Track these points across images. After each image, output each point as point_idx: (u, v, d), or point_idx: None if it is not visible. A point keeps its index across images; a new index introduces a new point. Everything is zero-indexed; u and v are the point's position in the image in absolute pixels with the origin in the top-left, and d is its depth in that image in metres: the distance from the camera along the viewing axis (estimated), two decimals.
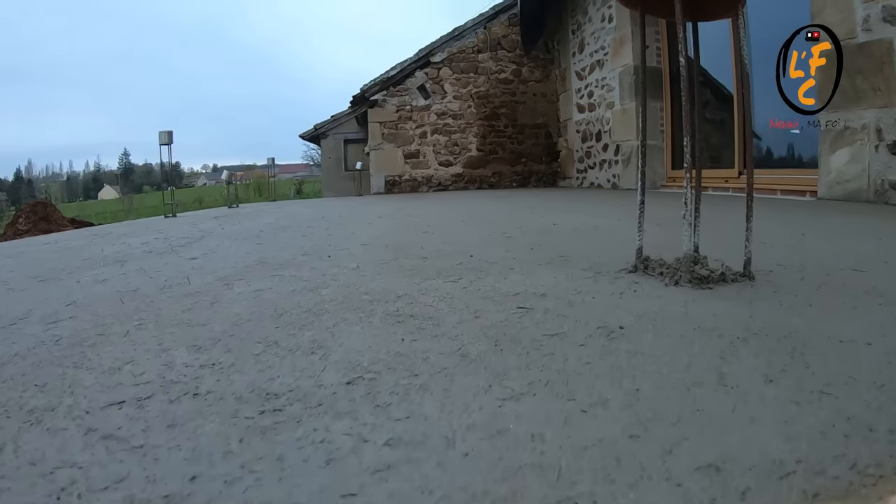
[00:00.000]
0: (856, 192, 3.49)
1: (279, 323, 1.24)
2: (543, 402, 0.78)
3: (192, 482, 0.59)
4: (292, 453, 0.64)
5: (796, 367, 0.88)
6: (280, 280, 1.76)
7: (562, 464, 0.61)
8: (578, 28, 7.36)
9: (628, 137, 6.39)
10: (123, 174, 65.85)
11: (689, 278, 1.48)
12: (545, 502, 0.55)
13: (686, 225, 1.54)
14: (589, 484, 0.58)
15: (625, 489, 0.57)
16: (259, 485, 0.57)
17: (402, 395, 0.81)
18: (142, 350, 1.08)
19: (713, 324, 1.13)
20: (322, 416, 0.74)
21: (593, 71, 7.05)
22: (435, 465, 0.61)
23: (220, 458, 0.63)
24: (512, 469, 0.61)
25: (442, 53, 8.01)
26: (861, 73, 3.42)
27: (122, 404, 0.81)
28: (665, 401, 0.78)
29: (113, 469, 0.63)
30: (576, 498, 0.55)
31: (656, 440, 0.67)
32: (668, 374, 0.87)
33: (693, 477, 0.59)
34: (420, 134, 8.12)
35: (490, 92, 8.22)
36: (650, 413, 0.74)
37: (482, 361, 0.95)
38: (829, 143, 3.66)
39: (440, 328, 1.17)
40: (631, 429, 0.70)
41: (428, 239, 2.69)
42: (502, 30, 8.09)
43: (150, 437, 0.70)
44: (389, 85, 7.94)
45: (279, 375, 0.91)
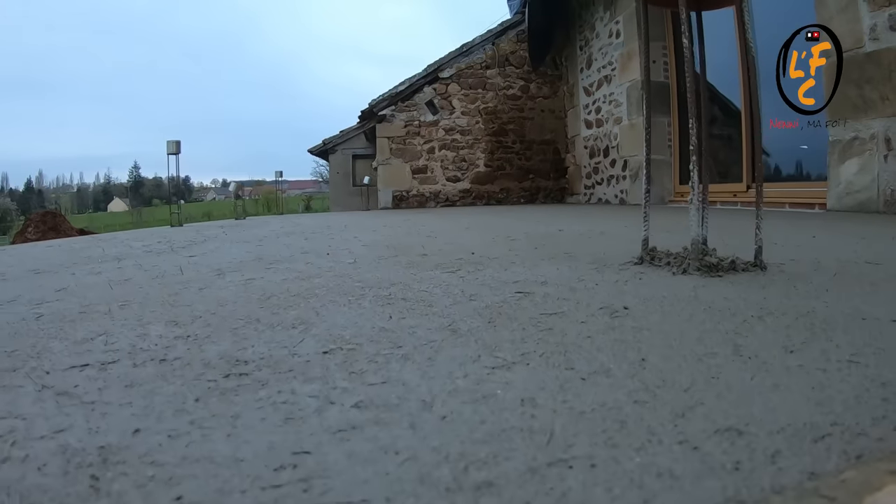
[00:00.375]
0: (865, 203, 3.40)
1: (265, 305, 1.19)
2: (537, 371, 0.71)
3: (133, 435, 0.53)
4: (249, 412, 0.58)
5: (818, 341, 0.81)
6: (274, 272, 1.72)
7: (555, 427, 0.54)
8: (586, 44, 7.43)
9: (636, 153, 6.35)
10: (133, 187, 66.74)
11: (697, 266, 1.41)
12: (532, 465, 0.48)
13: (694, 210, 1.47)
14: (586, 447, 0.51)
15: (630, 453, 0.50)
16: (204, 440, 0.51)
17: (380, 363, 0.75)
18: (119, 325, 1.03)
19: (725, 305, 1.05)
20: (290, 380, 0.68)
21: (601, 86, 7.08)
22: (407, 426, 0.55)
23: (170, 415, 0.58)
24: (495, 432, 0.54)
25: (450, 69, 8.10)
26: (869, 83, 3.36)
27: (84, 367, 0.76)
28: (675, 370, 0.71)
29: (56, 421, 0.57)
30: (570, 461, 0.48)
31: (666, 405, 0.60)
32: (677, 346, 0.81)
33: (712, 440, 0.52)
34: (428, 149, 8.16)
35: (498, 108, 8.27)
36: (658, 380, 0.67)
37: (473, 335, 0.89)
38: (838, 154, 3.59)
39: (432, 308, 1.11)
40: (637, 395, 0.63)
41: (430, 241, 2.64)
42: (510, 46, 8.19)
43: (105, 395, 0.65)
44: (398, 100, 8.03)
45: (253, 346, 0.85)
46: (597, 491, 0.43)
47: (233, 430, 0.53)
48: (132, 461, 0.48)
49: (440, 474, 0.44)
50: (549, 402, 0.61)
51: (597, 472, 0.46)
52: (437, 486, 0.42)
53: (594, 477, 0.46)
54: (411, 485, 0.42)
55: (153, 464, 0.47)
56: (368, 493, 0.41)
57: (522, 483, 0.44)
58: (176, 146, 4.67)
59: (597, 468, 0.47)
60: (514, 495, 0.43)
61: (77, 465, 0.47)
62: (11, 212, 30.68)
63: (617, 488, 0.44)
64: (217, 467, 0.45)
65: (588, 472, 0.46)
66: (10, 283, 1.76)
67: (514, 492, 0.43)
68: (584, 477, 0.46)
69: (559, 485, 0.44)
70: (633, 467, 0.47)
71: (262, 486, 0.42)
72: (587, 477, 0.46)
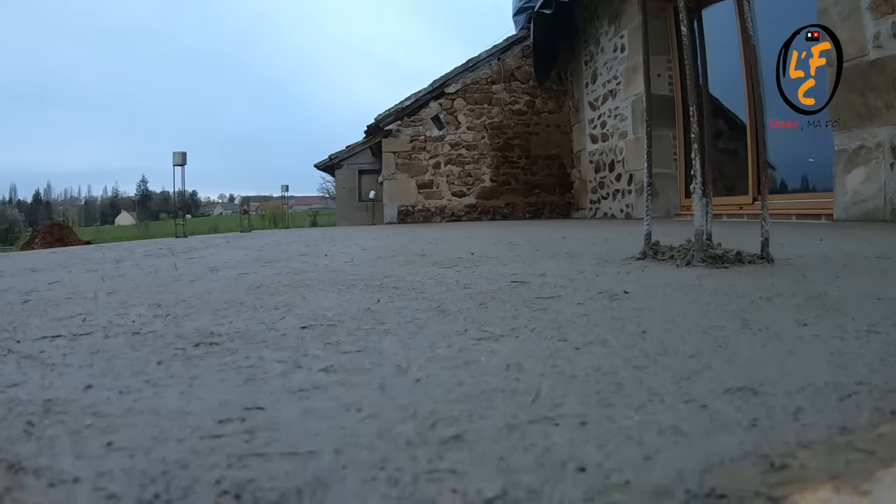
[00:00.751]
0: (872, 212, 3.32)
1: (252, 293, 1.16)
2: (527, 342, 0.67)
3: (84, 391, 0.49)
4: (209, 374, 0.54)
5: (832, 317, 0.76)
6: (269, 269, 1.69)
7: (541, 389, 0.50)
8: (591, 59, 7.49)
9: (641, 166, 6.31)
10: (140, 201, 67.22)
11: (702, 257, 1.36)
12: (511, 422, 0.43)
13: (697, 200, 1.43)
14: (575, 407, 0.46)
15: (627, 412, 0.45)
16: (155, 396, 0.47)
17: (359, 336, 0.71)
18: (102, 307, 1.01)
19: (731, 290, 1.00)
20: (261, 349, 0.64)
21: (606, 101, 7.10)
22: (375, 388, 0.50)
23: (127, 375, 0.54)
24: (473, 394, 0.50)
25: (456, 84, 8.19)
26: (873, 91, 3.32)
27: (56, 338, 0.73)
28: (677, 340, 0.66)
29: (10, 378, 0.54)
30: (556, 419, 0.43)
31: (668, 370, 0.55)
32: (680, 322, 0.76)
33: (722, 399, 0.47)
34: (434, 164, 8.20)
35: (503, 123, 8.31)
36: (659, 349, 0.63)
37: (462, 314, 0.85)
38: (844, 164, 3.53)
39: (423, 294, 1.07)
40: (635, 361, 0.58)
41: (431, 246, 2.61)
42: (516, 61, 8.27)
43: (68, 360, 0.62)
44: (404, 115, 8.10)
45: (231, 322, 0.82)
46: (587, 448, 0.39)
47: (188, 388, 0.50)
48: (74, 412, 0.44)
49: (403, 430, 0.40)
50: (536, 367, 0.57)
51: (587, 430, 0.42)
52: (396, 441, 0.38)
53: (584, 434, 0.41)
54: (368, 439, 0.38)
55: (95, 414, 0.43)
56: (317, 444, 0.37)
57: (497, 439, 0.40)
58: (182, 158, 4.72)
59: (587, 426, 0.42)
60: (486, 450, 0.38)
61: (18, 413, 0.44)
62: (19, 223, 31.13)
63: (611, 444, 0.39)
64: (160, 419, 0.42)
65: (577, 429, 0.42)
66: (6, 278, 1.75)
67: (485, 447, 0.39)
68: (571, 434, 0.41)
69: (541, 441, 0.40)
70: (631, 425, 0.43)
71: (201, 435, 0.38)
72: (575, 434, 0.41)
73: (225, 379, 0.52)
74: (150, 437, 0.38)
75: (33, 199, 67.86)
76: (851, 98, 3.38)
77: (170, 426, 0.40)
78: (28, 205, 62.26)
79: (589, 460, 0.37)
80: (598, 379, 0.53)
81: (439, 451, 0.37)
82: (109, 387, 0.51)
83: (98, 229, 35.89)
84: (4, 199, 60.94)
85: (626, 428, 0.42)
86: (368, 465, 0.35)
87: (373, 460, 0.35)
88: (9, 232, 27.51)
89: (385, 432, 0.39)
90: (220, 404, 0.45)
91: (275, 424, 0.40)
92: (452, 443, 0.38)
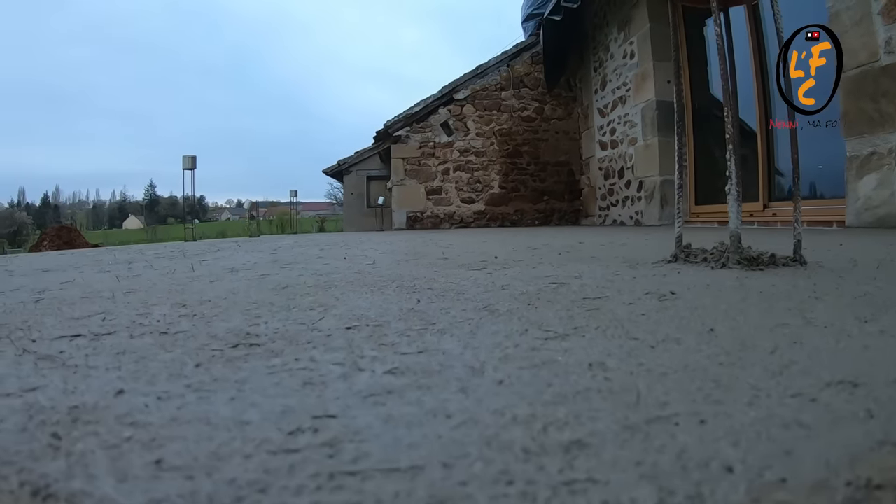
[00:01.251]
0: (885, 218, 3.24)
1: (280, 293, 1.09)
2: (596, 340, 0.60)
3: (115, 396, 0.43)
4: (259, 378, 0.47)
5: (887, 314, 0.70)
6: (290, 270, 1.63)
7: (639, 388, 0.43)
8: (600, 65, 7.45)
9: (651, 173, 6.25)
10: (149, 205, 67.19)
11: (737, 259, 1.31)
12: (626, 423, 0.36)
13: (732, 201, 1.37)
14: (685, 405, 0.40)
15: (741, 407, 0.39)
16: (200, 402, 0.41)
17: (413, 337, 0.64)
18: (122, 306, 0.94)
19: (776, 291, 0.94)
20: (309, 350, 0.58)
21: (615, 107, 7.05)
22: (455, 390, 0.43)
23: (164, 379, 0.47)
24: (568, 395, 0.43)
25: (465, 90, 8.17)
26: (885, 96, 3.25)
27: (76, 338, 0.67)
28: (750, 337, 0.60)
29: (29, 381, 0.47)
30: (673, 418, 0.36)
31: (755, 365, 0.49)
32: (742, 320, 0.69)
33: (827, 392, 0.41)
34: (443, 170, 8.16)
35: (513, 129, 8.27)
36: (736, 345, 0.56)
37: (514, 314, 0.78)
38: (856, 170, 3.45)
39: (463, 295, 1.00)
40: (718, 358, 0.52)
41: (449, 250, 2.55)
42: (525, 68, 8.25)
43: (91, 361, 0.55)
44: (413, 121, 8.08)
45: (267, 322, 0.75)
46: (721, 446, 0.32)
47: (238, 393, 0.43)
48: (107, 421, 0.37)
49: (511, 437, 0.33)
50: (621, 365, 0.50)
51: (710, 428, 0.35)
52: (510, 450, 0.31)
53: (710, 432, 0.35)
54: (475, 448, 0.31)
55: (133, 425, 0.36)
56: (417, 458, 0.30)
57: (621, 442, 0.33)
58: (192, 161, 4.69)
59: (708, 424, 0.36)
60: (617, 455, 0.31)
61: (40, 422, 0.37)
62: (27, 226, 31.28)
63: (743, 441, 0.33)
64: (214, 430, 0.35)
65: (699, 427, 0.35)
66: (17, 278, 1.69)
67: (614, 451, 0.32)
68: (698, 432, 0.35)
69: (670, 442, 0.33)
70: (751, 420, 0.36)
71: (272, 449, 0.31)
72: (702, 432, 0.35)
73: (279, 383, 0.45)
74: (208, 453, 0.31)
75: (41, 202, 68.09)
76: (863, 104, 3.31)
77: (229, 439, 0.33)
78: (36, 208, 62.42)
79: (730, 459, 0.31)
80: (691, 376, 0.47)
81: (566, 458, 0.30)
82: (144, 392, 0.44)
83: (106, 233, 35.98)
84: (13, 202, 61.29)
85: (749, 424, 0.36)
86: (491, 479, 0.28)
87: (493, 474, 0.28)
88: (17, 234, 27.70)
89: (492, 440, 0.32)
90: (283, 412, 0.38)
91: (357, 435, 0.33)
92: (576, 449, 0.31)
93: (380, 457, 0.30)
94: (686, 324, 0.69)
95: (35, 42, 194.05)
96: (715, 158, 5.25)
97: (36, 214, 52.33)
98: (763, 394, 0.42)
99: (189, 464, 0.30)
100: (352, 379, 0.46)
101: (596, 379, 0.46)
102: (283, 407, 0.39)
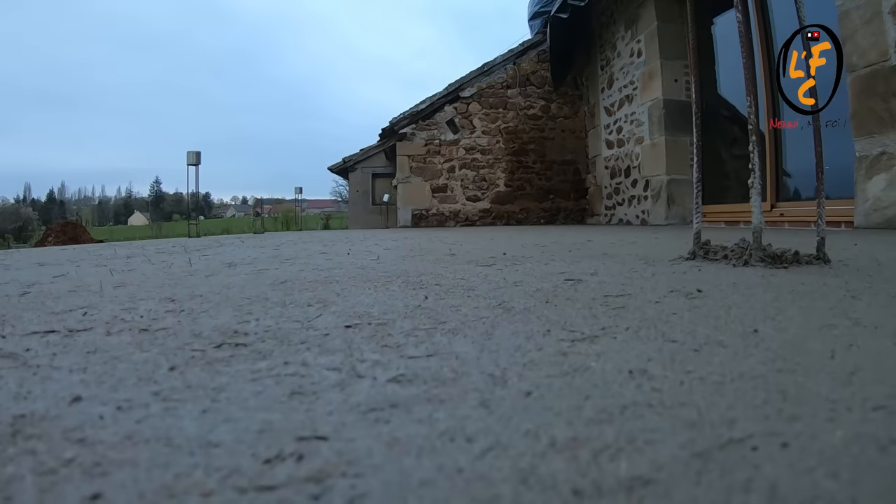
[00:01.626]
0: (893, 219, 3.15)
1: (277, 288, 1.02)
2: (631, 343, 0.53)
3: (70, 405, 0.36)
4: (239, 385, 0.40)
5: None
6: (291, 265, 1.56)
7: (696, 400, 0.36)
8: (607, 63, 7.35)
9: (658, 172, 6.14)
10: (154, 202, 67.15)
11: (760, 256, 1.23)
12: (693, 449, 0.29)
13: (755, 195, 1.29)
14: (758, 422, 0.32)
15: (822, 424, 0.31)
16: (165, 414, 0.33)
17: (421, 338, 0.57)
18: (107, 301, 0.88)
19: (808, 289, 0.86)
20: (302, 352, 0.50)
21: (622, 106, 6.95)
22: (475, 404, 0.36)
23: (131, 384, 0.40)
24: (613, 411, 0.35)
25: (471, 88, 8.09)
26: (895, 96, 3.15)
27: (48, 334, 0.60)
28: (799, 340, 0.52)
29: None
30: (746, 440, 0.29)
31: (819, 372, 0.42)
32: (782, 320, 0.62)
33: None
34: (448, 168, 8.08)
35: (519, 127, 8.19)
36: (788, 350, 0.49)
37: (532, 313, 0.70)
38: (865, 170, 3.36)
39: (473, 292, 0.92)
40: (774, 363, 0.44)
41: (456, 247, 2.47)
42: (531, 66, 8.16)
43: (57, 361, 0.48)
44: (419, 119, 8.01)
45: (258, 319, 0.68)
46: (818, 477, 0.25)
47: (211, 404, 0.35)
48: (52, 437, 0.30)
49: (552, 470, 0.26)
50: (666, 373, 0.42)
51: (796, 452, 0.28)
52: (554, 489, 0.24)
53: (799, 459, 0.27)
54: (508, 488, 0.24)
55: (80, 442, 0.29)
56: (432, 501, 0.23)
57: (695, 476, 0.26)
58: (196, 157, 4.64)
59: (791, 447, 0.28)
60: (694, 494, 0.24)
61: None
62: (33, 221, 31.42)
63: (845, 472, 0.25)
64: (173, 453, 0.28)
65: (783, 452, 0.28)
66: (11, 271, 1.64)
67: (688, 489, 0.24)
68: (784, 459, 0.27)
69: (754, 473, 0.26)
70: (840, 442, 0.29)
71: (240, 486, 0.24)
72: (789, 459, 0.27)
73: (261, 392, 0.38)
74: (158, 487, 0.24)
75: (47, 198, 68.33)
76: (873, 103, 3.23)
77: (189, 467, 0.26)
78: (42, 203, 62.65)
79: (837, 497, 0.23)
80: (751, 386, 0.39)
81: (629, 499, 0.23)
82: (105, 399, 0.37)
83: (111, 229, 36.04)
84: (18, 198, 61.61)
85: (840, 446, 0.28)
86: None
87: None
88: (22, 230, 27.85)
89: (528, 476, 0.25)
90: (261, 431, 0.31)
91: (351, 466, 0.26)
92: (640, 487, 0.24)
93: (381, 501, 0.23)
94: (724, 324, 0.61)
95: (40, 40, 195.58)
96: (721, 159, 5.16)
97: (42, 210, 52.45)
98: (841, 407, 0.35)
99: (132, 503, 0.23)
100: (349, 388, 0.39)
101: (642, 390, 0.38)
102: (263, 424, 0.32)
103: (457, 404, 0.35)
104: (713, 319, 0.64)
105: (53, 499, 0.23)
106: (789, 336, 0.55)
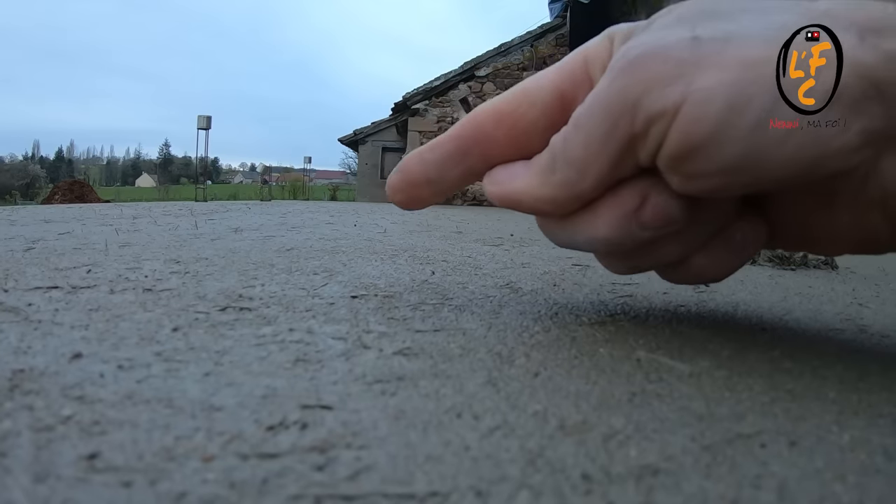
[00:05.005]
0: None
1: (283, 255, 1.01)
2: (639, 330, 0.52)
3: (70, 361, 0.35)
4: (243, 349, 0.39)
5: None
6: (297, 233, 1.55)
7: (706, 392, 0.35)
8: None
9: None
10: (162, 164, 66.84)
11: (769, 256, 1.22)
12: (704, 443, 0.28)
13: None
14: (767, 419, 0.31)
15: (829, 425, 0.30)
16: (167, 375, 0.33)
17: (428, 312, 0.56)
18: (112, 259, 0.87)
19: (814, 293, 0.84)
20: (307, 319, 0.50)
21: None
22: (483, 382, 0.35)
23: (133, 343, 0.40)
24: (621, 397, 0.33)
25: (487, 68, 7.94)
26: None
27: (52, 289, 0.60)
28: (808, 341, 0.51)
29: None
30: (757, 437, 0.28)
31: (828, 377, 0.40)
32: (790, 321, 0.61)
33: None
34: None
35: None
36: (797, 349, 0.47)
37: (539, 294, 0.69)
38: None
39: (481, 270, 0.91)
40: (783, 363, 0.43)
41: (464, 225, 2.46)
42: (549, 49, 7.96)
43: (59, 317, 0.47)
44: (432, 95, 7.89)
45: (264, 285, 0.67)
46: (826, 479, 0.24)
47: (214, 367, 0.35)
48: (51, 393, 0.29)
49: (562, 452, 0.25)
50: (676, 363, 0.41)
51: (804, 451, 0.26)
52: (563, 472, 0.23)
53: (807, 459, 0.26)
54: (518, 468, 0.23)
55: (79, 400, 0.29)
56: (439, 478, 0.22)
57: (705, 469, 0.24)
58: (207, 121, 4.60)
59: (798, 446, 0.27)
60: (705, 489, 0.23)
61: None
62: (40, 178, 31.54)
63: (851, 476, 0.24)
64: (174, 415, 0.27)
65: (791, 450, 0.26)
66: (16, 227, 1.64)
67: (699, 483, 0.23)
68: (791, 458, 0.26)
69: (763, 471, 0.25)
70: (847, 444, 0.27)
71: (243, 452, 0.23)
72: (796, 458, 0.26)
73: (265, 357, 0.38)
74: (159, 449, 0.23)
75: (56, 156, 68.26)
76: None
77: (191, 430, 0.25)
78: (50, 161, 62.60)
79: (843, 501, 0.22)
80: (761, 383, 0.38)
81: (639, 490, 0.22)
82: (106, 357, 0.36)
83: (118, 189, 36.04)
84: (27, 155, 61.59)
85: (847, 448, 0.27)
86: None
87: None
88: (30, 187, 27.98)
89: (537, 457, 0.24)
90: (265, 396, 0.30)
91: (357, 437, 0.25)
92: (649, 476, 0.23)
93: (387, 473, 0.22)
94: (731, 319, 0.60)
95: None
96: None
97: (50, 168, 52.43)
98: (848, 410, 0.34)
99: (131, 464, 0.22)
100: (355, 358, 0.38)
101: (650, 378, 0.37)
102: (267, 390, 0.31)
103: (464, 381, 0.35)
104: (720, 314, 0.63)
105: (50, 456, 0.22)
106: (797, 337, 0.54)
